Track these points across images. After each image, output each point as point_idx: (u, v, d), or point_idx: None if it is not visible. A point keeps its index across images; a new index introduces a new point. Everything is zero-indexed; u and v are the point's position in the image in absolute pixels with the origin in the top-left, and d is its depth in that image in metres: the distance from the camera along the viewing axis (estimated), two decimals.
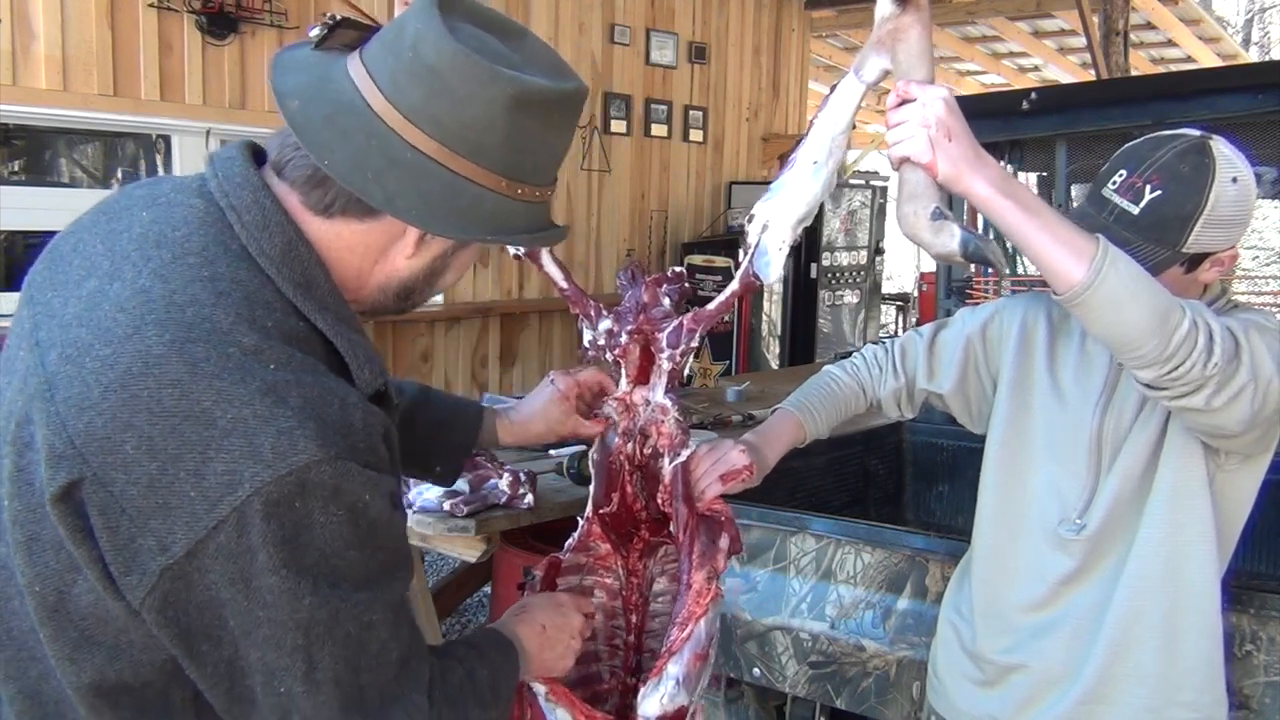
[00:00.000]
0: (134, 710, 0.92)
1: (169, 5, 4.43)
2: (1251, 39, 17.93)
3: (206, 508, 0.84)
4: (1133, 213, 1.42)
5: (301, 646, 0.88)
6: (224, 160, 0.99)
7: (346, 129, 0.94)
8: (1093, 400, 1.52)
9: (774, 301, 7.14)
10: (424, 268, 1.05)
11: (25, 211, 4.25)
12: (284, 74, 0.98)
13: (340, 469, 0.87)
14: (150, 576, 0.85)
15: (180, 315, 0.88)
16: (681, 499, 1.43)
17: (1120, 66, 6.18)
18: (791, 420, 1.68)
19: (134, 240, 0.94)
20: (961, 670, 1.67)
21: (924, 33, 1.25)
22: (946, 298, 3.23)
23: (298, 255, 0.96)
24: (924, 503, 3.23)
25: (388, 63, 0.95)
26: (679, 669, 1.30)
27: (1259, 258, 13.86)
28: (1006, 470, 1.62)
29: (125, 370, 0.86)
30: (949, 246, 1.22)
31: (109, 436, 0.85)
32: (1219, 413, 1.27)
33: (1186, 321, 1.22)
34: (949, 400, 1.72)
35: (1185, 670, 1.47)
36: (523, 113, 0.96)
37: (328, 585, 0.88)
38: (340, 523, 0.87)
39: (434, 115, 0.94)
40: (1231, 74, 3.83)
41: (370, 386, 0.99)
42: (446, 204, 0.96)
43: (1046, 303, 1.65)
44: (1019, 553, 1.57)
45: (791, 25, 7.98)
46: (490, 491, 2.57)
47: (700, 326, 1.44)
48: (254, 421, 0.85)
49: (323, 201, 0.97)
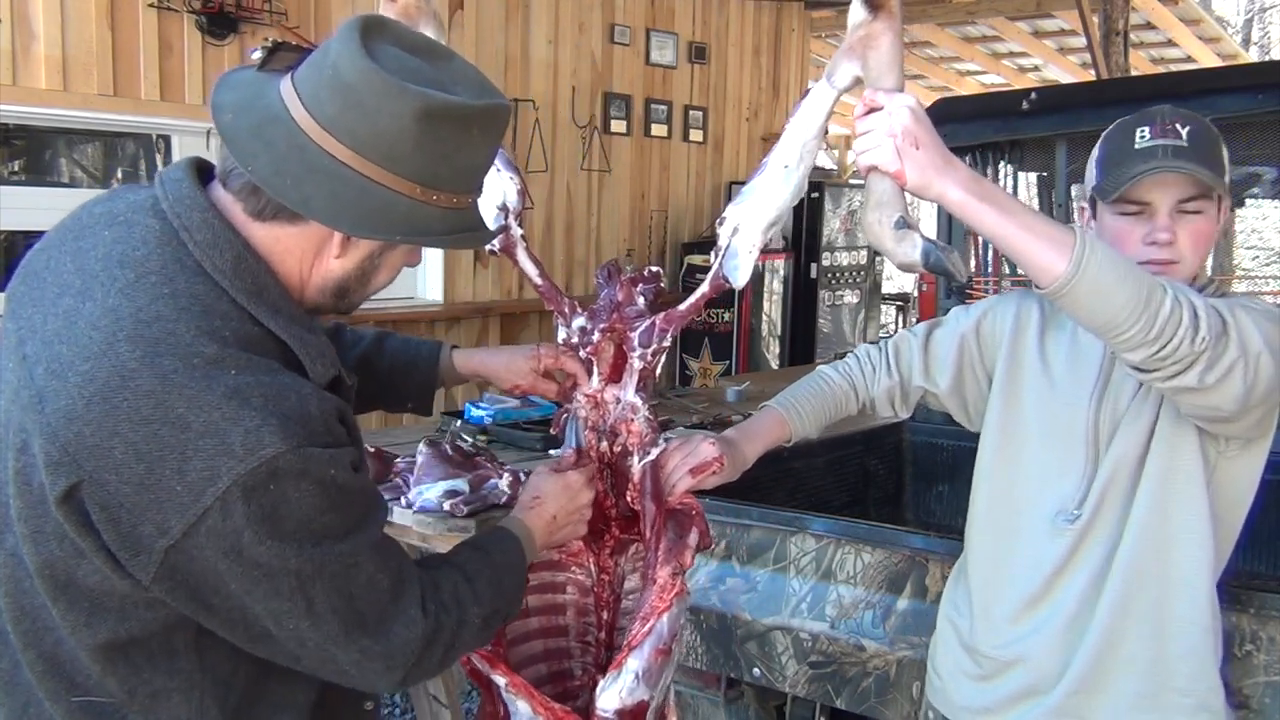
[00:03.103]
0: (143, 658, 1.04)
1: (169, 5, 4.43)
2: (1251, 39, 17.93)
3: (192, 499, 0.96)
4: (1183, 144, 1.44)
5: (297, 588, 1.00)
6: (173, 182, 1.09)
7: (271, 139, 1.04)
8: (1087, 391, 1.52)
9: (774, 301, 7.14)
10: (355, 268, 1.14)
11: (25, 211, 4.24)
12: (224, 91, 1.09)
13: (304, 455, 0.99)
14: (156, 555, 0.97)
15: (147, 331, 0.99)
16: (650, 496, 1.43)
17: (1120, 66, 6.18)
18: (775, 417, 1.68)
19: (100, 260, 1.05)
20: (959, 666, 1.67)
21: (895, 40, 1.26)
22: (947, 298, 3.23)
23: (247, 266, 1.07)
24: (924, 503, 3.23)
25: (312, 80, 1.05)
26: (639, 663, 1.30)
27: (1259, 258, 13.85)
28: (1001, 464, 1.62)
29: (104, 384, 0.98)
30: (911, 256, 1.24)
31: (99, 444, 0.97)
32: (1213, 391, 1.27)
33: (1169, 300, 1.22)
34: (945, 399, 1.72)
35: (1176, 657, 1.48)
36: (433, 125, 1.04)
37: (311, 544, 1.00)
38: (312, 495, 1.00)
39: (349, 126, 1.03)
40: (1231, 74, 3.83)
41: (323, 377, 1.10)
42: (360, 206, 1.05)
43: (1039, 297, 1.65)
44: (1016, 547, 1.58)
45: (791, 25, 7.98)
46: (490, 491, 2.57)
47: (671, 327, 1.46)
48: (223, 423, 0.96)
49: (257, 207, 1.08)
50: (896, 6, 1.25)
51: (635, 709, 1.30)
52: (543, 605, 1.54)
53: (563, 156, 6.21)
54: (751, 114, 7.68)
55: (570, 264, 6.33)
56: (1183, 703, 1.48)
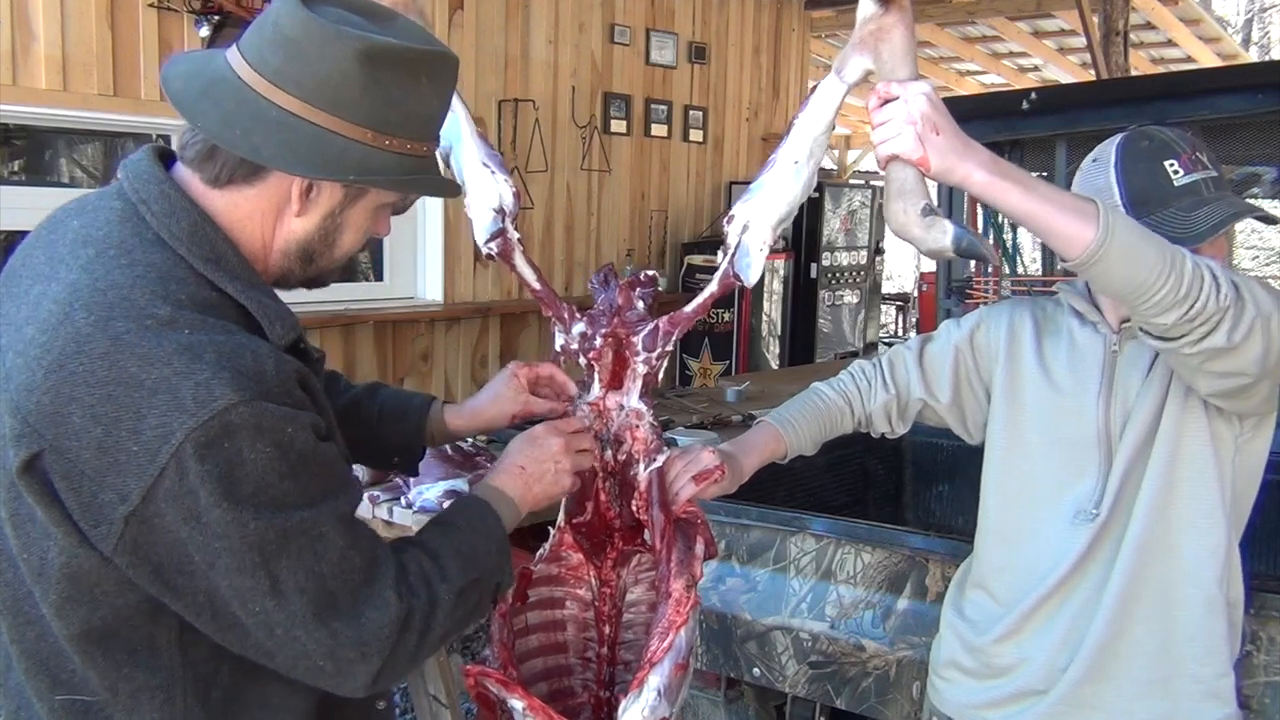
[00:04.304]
0: (124, 653, 1.03)
1: (169, 5, 4.42)
2: (1251, 39, 17.92)
3: (148, 459, 0.95)
4: (1215, 175, 1.47)
5: (259, 564, 0.98)
6: (133, 163, 1.12)
7: (218, 97, 1.06)
8: (1093, 391, 1.53)
9: (774, 301, 7.13)
10: (316, 228, 1.14)
11: (25, 211, 4.23)
12: (172, 65, 1.13)
13: (257, 409, 0.97)
14: (117, 525, 0.97)
15: (102, 298, 1.00)
16: (658, 505, 1.40)
17: (1120, 66, 6.18)
18: (771, 432, 1.69)
19: (67, 245, 1.08)
20: (961, 666, 1.67)
21: (907, 33, 1.26)
22: (946, 298, 3.23)
23: (204, 235, 1.08)
24: (924, 503, 3.23)
25: (254, 40, 1.08)
26: (660, 679, 1.27)
27: (1259, 258, 13.86)
28: (1010, 472, 1.62)
29: (60, 352, 0.98)
30: (941, 242, 1.23)
31: (56, 411, 0.97)
32: (1239, 351, 1.27)
33: (1189, 260, 1.24)
34: (945, 412, 1.72)
35: (1184, 640, 1.48)
36: (376, 67, 1.06)
37: (270, 510, 0.98)
38: (269, 457, 0.98)
39: (293, 76, 1.05)
40: (1231, 74, 3.83)
41: (283, 340, 1.09)
42: (313, 153, 1.06)
43: (1030, 305, 1.66)
44: (1031, 550, 1.58)
45: (791, 25, 7.97)
46: None
47: (677, 329, 1.43)
48: (174, 378, 0.96)
49: (214, 173, 1.09)
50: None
51: None
52: (543, 622, 1.51)
53: (563, 156, 6.20)
54: (751, 114, 7.67)
55: (570, 264, 6.32)
56: (1193, 689, 1.48)
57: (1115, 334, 1.53)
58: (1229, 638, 1.50)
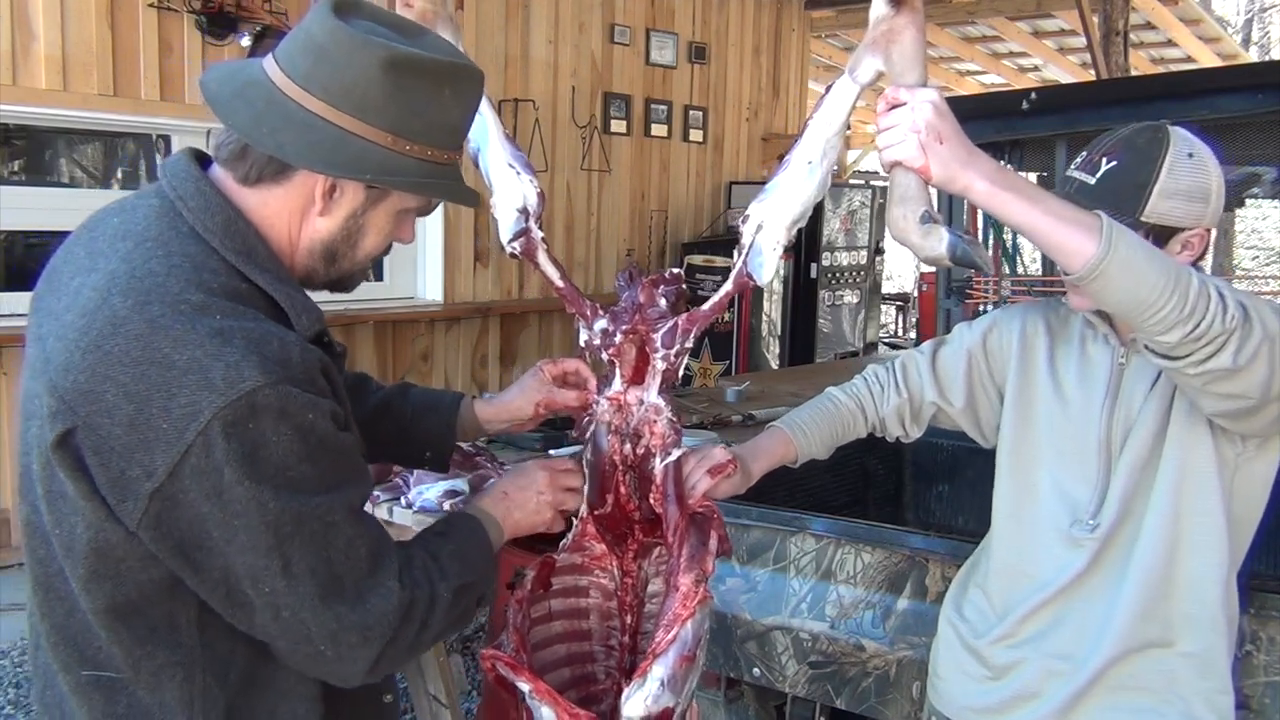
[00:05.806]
0: (146, 629, 1.08)
1: (169, 5, 4.42)
2: (1251, 39, 17.92)
3: (176, 435, 0.99)
4: (1089, 183, 1.45)
5: (274, 546, 1.03)
6: (172, 163, 1.18)
7: (251, 98, 1.12)
8: (1098, 402, 1.52)
9: (774, 301, 7.13)
10: (339, 228, 1.19)
11: (25, 211, 4.24)
12: (211, 71, 1.19)
13: (282, 392, 1.02)
14: (142, 500, 1.01)
15: (139, 285, 1.05)
16: (672, 499, 1.43)
17: (1120, 66, 6.19)
18: (781, 436, 1.70)
19: (106, 239, 1.13)
20: (963, 667, 1.67)
21: (918, 35, 1.26)
22: (946, 298, 3.24)
23: (237, 229, 1.13)
24: (924, 503, 3.23)
25: (287, 47, 1.14)
26: (664, 670, 1.30)
27: (1259, 258, 13.86)
28: (1016, 477, 1.62)
29: (98, 333, 1.03)
30: (937, 250, 1.24)
31: (92, 389, 1.02)
32: (1244, 373, 1.26)
33: (1195, 278, 1.22)
34: (959, 416, 1.72)
35: (1184, 656, 1.48)
36: (400, 75, 1.11)
37: (288, 492, 1.03)
38: (291, 440, 1.03)
39: (320, 80, 1.11)
40: (1231, 74, 3.83)
41: (309, 331, 1.15)
42: (334, 153, 1.11)
43: (1044, 310, 1.66)
44: (1034, 555, 1.58)
45: (791, 25, 7.98)
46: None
47: (695, 327, 1.45)
48: (205, 359, 1.01)
49: (245, 171, 1.14)
50: (919, 1, 1.25)
51: (660, 716, 1.29)
52: (566, 609, 1.54)
53: (563, 156, 6.21)
54: (751, 114, 7.68)
55: (570, 264, 6.32)
56: (1192, 706, 1.48)
57: (1123, 346, 1.53)
58: (1227, 654, 1.50)
